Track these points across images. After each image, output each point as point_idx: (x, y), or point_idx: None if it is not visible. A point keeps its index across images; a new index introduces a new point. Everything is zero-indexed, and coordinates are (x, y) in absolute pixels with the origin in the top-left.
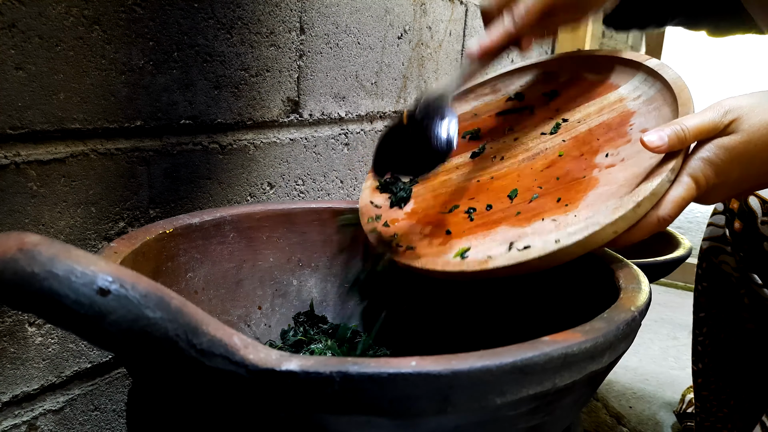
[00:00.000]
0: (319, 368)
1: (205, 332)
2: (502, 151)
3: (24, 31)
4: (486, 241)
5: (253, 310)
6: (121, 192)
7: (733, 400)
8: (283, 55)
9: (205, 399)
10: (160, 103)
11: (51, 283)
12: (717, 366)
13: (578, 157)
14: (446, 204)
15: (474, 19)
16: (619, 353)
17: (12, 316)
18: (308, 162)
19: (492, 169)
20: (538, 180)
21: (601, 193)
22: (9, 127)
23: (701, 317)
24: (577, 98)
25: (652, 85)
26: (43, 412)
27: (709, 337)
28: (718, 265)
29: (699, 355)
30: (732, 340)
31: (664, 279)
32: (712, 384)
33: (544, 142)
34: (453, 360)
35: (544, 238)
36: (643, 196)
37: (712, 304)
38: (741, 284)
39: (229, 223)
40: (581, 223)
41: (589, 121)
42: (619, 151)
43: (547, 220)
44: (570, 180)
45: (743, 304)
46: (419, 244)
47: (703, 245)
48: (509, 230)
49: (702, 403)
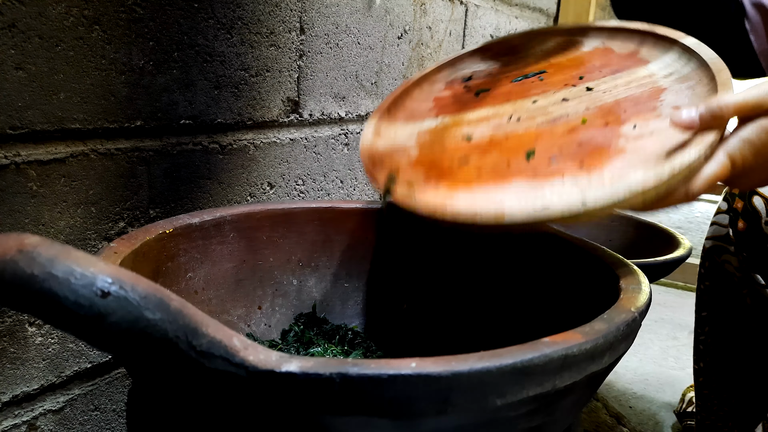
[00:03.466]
0: (318, 369)
1: (204, 333)
2: (519, 112)
3: (24, 31)
4: (500, 191)
5: (253, 310)
6: (121, 192)
7: (735, 399)
8: (283, 55)
9: (205, 400)
10: (160, 103)
11: (50, 284)
12: (718, 365)
13: (603, 126)
14: (455, 155)
15: (474, 19)
16: (619, 354)
17: (12, 316)
18: (308, 162)
19: (507, 128)
20: (557, 144)
21: (630, 161)
22: (9, 127)
23: (703, 316)
24: (603, 68)
25: (687, 63)
26: (43, 412)
27: (711, 336)
28: (721, 264)
29: (700, 354)
30: (734, 340)
31: (664, 279)
32: (713, 383)
33: (566, 108)
34: (453, 361)
35: (566, 196)
36: (680, 167)
37: (714, 304)
38: (743, 284)
39: (229, 223)
40: (607, 188)
41: (616, 92)
42: (649, 125)
43: (568, 179)
44: (594, 147)
45: (745, 304)
46: (426, 191)
47: (706, 244)
48: (526, 184)
49: (703, 402)
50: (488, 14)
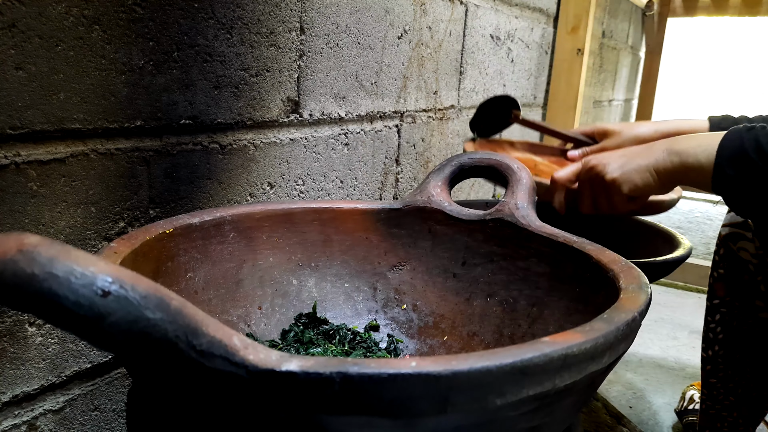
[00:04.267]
0: (319, 369)
1: (204, 333)
2: None
3: (24, 31)
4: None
5: (253, 310)
6: (121, 192)
7: (741, 389)
8: (283, 55)
9: (205, 400)
10: (160, 103)
11: (51, 284)
12: (727, 354)
13: None
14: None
15: (474, 19)
16: (619, 354)
17: (12, 316)
18: (308, 162)
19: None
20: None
21: None
22: (9, 127)
23: (715, 304)
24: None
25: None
26: (43, 412)
27: (722, 324)
28: (737, 251)
29: (709, 341)
30: (744, 329)
31: (664, 279)
32: (720, 372)
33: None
34: (453, 360)
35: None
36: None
37: (727, 291)
38: (759, 271)
39: (229, 223)
40: None
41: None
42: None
43: None
44: None
45: (759, 291)
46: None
47: (722, 231)
48: None
49: (709, 390)
50: (488, 14)
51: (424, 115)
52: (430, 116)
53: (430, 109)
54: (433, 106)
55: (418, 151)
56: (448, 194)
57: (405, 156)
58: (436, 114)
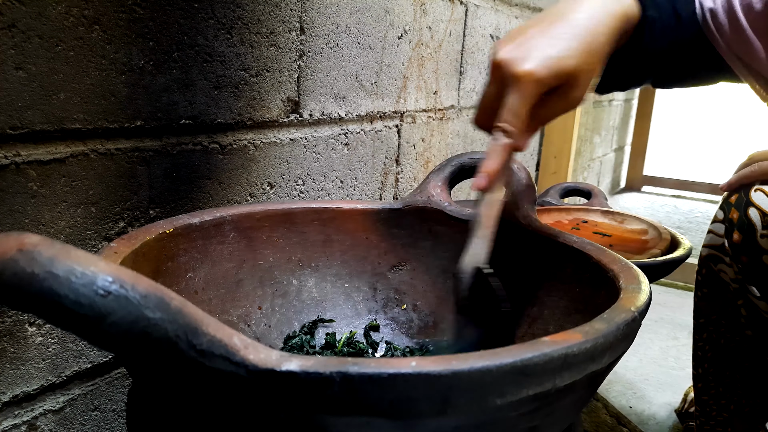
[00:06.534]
0: (319, 368)
1: (205, 333)
2: None
3: (24, 31)
4: None
5: (253, 310)
6: (121, 192)
7: (734, 405)
8: (283, 55)
9: (206, 399)
10: (160, 103)
11: (51, 283)
12: (717, 371)
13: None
14: None
15: (474, 19)
16: (619, 353)
17: (12, 316)
18: (308, 162)
19: None
20: None
21: None
22: (9, 127)
23: (701, 323)
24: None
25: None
26: (43, 412)
27: (709, 342)
28: (717, 273)
29: (699, 360)
30: (731, 346)
31: (664, 279)
32: (711, 389)
33: None
34: (453, 360)
35: None
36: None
37: (712, 311)
38: (739, 295)
39: (229, 223)
40: None
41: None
42: None
43: None
44: None
45: (740, 315)
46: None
47: (702, 252)
48: None
49: (702, 407)
50: (488, 14)
51: (424, 115)
52: (430, 116)
53: (430, 109)
54: (433, 106)
55: (418, 151)
56: (448, 194)
57: (405, 156)
58: (436, 114)
